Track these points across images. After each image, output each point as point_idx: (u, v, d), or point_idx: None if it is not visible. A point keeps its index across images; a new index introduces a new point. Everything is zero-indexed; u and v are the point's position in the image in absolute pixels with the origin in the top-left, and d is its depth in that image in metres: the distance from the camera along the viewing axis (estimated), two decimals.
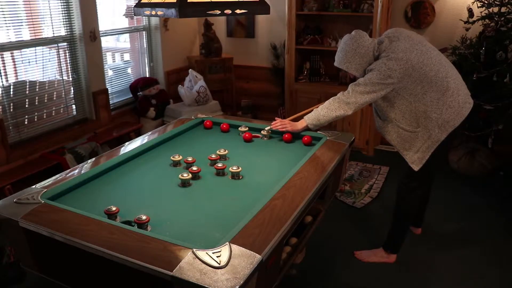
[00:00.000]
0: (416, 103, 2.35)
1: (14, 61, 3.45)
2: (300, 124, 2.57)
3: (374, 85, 2.30)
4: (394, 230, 2.73)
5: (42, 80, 3.67)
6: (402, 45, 2.31)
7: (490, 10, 3.69)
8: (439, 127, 2.37)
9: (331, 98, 2.45)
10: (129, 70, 4.74)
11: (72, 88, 3.93)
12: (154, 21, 4.79)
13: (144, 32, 4.77)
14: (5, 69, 3.35)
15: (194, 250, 1.44)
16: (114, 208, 1.73)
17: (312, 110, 2.56)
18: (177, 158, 2.26)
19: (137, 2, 2.47)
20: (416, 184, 2.59)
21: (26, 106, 3.54)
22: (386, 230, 2.77)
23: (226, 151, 2.35)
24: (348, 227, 3.17)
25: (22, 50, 3.45)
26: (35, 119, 3.64)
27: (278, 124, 2.61)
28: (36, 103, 3.63)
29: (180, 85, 4.74)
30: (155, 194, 1.99)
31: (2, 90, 3.32)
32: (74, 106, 3.98)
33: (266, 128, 2.68)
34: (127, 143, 2.52)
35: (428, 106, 2.34)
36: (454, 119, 2.37)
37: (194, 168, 2.12)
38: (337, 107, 2.40)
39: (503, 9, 3.65)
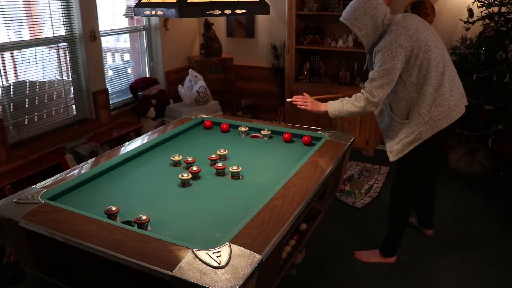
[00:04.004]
0: (413, 94, 2.33)
1: (14, 61, 3.45)
2: (323, 107, 2.50)
3: (388, 73, 2.25)
4: (390, 233, 2.71)
5: (42, 80, 3.67)
6: (415, 23, 2.30)
7: (490, 10, 3.69)
8: (424, 124, 2.34)
9: (358, 95, 2.38)
10: (129, 70, 4.74)
11: (72, 88, 3.93)
12: (154, 21, 4.78)
13: (144, 32, 4.77)
14: (5, 69, 3.35)
15: (194, 250, 1.44)
16: (114, 208, 1.73)
17: (337, 98, 2.49)
18: (177, 158, 2.26)
19: (137, 2, 2.47)
20: (410, 187, 2.56)
21: (26, 106, 3.54)
22: (386, 231, 2.76)
23: (226, 151, 2.35)
24: (348, 227, 3.17)
25: (22, 50, 3.45)
26: (35, 119, 3.64)
27: (299, 100, 2.57)
28: (36, 103, 3.63)
29: (180, 85, 4.74)
30: (155, 194, 1.99)
31: (2, 90, 3.32)
32: (74, 106, 3.98)
33: (287, 100, 2.68)
34: (127, 143, 2.52)
35: (421, 100, 2.32)
36: (442, 119, 2.33)
37: (194, 168, 2.12)
38: (363, 106, 2.34)
39: (503, 9, 3.65)
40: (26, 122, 3.56)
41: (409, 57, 2.27)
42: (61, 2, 3.65)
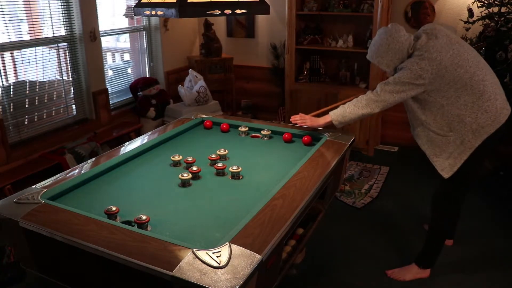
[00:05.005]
0: (448, 106, 2.27)
1: (14, 61, 3.45)
2: (323, 120, 2.50)
3: (404, 84, 2.24)
4: (431, 245, 2.59)
5: (42, 80, 3.67)
6: (438, 45, 2.23)
7: (490, 10, 3.69)
8: (473, 133, 2.26)
9: (360, 96, 2.38)
10: (129, 70, 4.74)
11: (72, 88, 3.93)
12: (154, 21, 4.79)
13: (144, 32, 4.77)
14: (5, 69, 3.35)
15: (194, 250, 1.44)
16: (114, 208, 1.73)
17: (337, 107, 2.48)
18: (177, 158, 2.26)
19: (137, 2, 2.47)
20: (458, 201, 2.52)
21: (26, 106, 3.54)
22: (386, 231, 2.77)
23: (226, 151, 2.34)
24: (348, 227, 3.17)
25: (22, 50, 3.45)
26: (35, 119, 3.64)
27: (298, 118, 2.57)
28: (36, 103, 3.64)
29: (180, 85, 4.74)
30: (155, 194, 1.99)
31: (2, 90, 3.32)
32: (74, 106, 3.98)
33: (292, 121, 2.64)
34: (127, 143, 2.52)
35: (462, 110, 2.25)
36: (490, 124, 2.26)
37: (194, 168, 2.12)
38: (365, 105, 2.33)
39: (503, 9, 3.65)
40: (26, 122, 3.56)
41: (433, 79, 2.21)
42: (61, 2, 3.65)
